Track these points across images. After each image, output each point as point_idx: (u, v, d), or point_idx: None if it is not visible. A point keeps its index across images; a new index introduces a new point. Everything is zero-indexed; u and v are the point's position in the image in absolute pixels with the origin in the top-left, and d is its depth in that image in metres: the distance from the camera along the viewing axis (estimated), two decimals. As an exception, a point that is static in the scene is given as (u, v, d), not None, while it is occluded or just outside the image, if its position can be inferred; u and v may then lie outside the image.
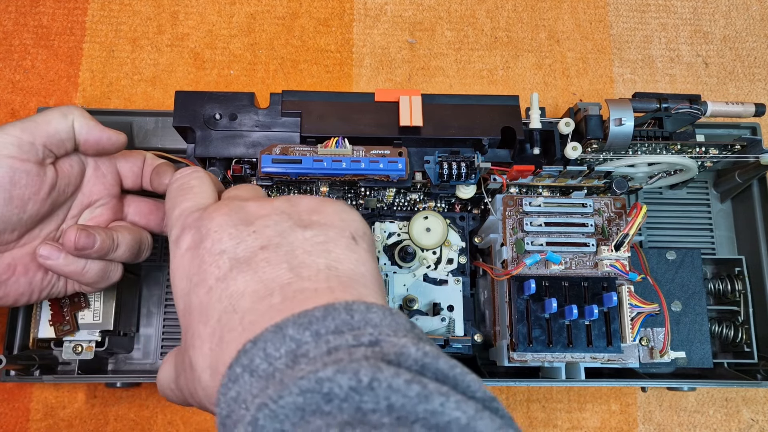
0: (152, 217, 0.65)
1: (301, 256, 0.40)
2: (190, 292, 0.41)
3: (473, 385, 0.32)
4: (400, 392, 0.29)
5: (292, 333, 0.34)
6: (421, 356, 0.32)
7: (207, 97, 0.63)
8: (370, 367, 0.30)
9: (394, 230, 0.67)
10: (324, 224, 0.43)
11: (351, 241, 0.42)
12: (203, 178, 0.50)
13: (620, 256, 0.62)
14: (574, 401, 0.76)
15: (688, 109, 0.62)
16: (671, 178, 0.71)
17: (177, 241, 0.44)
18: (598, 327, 0.61)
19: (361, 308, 0.35)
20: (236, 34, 0.84)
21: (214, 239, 0.41)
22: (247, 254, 0.40)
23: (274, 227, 0.42)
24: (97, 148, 0.59)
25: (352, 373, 0.30)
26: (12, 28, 0.82)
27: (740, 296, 0.73)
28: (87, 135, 0.57)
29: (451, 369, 0.32)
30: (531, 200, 0.65)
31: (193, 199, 0.47)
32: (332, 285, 0.38)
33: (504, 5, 0.88)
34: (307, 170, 0.59)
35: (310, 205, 0.45)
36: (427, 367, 0.32)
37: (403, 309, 0.64)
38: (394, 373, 0.30)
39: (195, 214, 0.44)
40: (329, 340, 0.33)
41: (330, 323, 0.34)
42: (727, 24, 0.88)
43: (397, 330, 0.35)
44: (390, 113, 0.62)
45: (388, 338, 0.34)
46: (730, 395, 0.77)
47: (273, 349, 0.33)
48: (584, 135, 0.62)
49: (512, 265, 0.63)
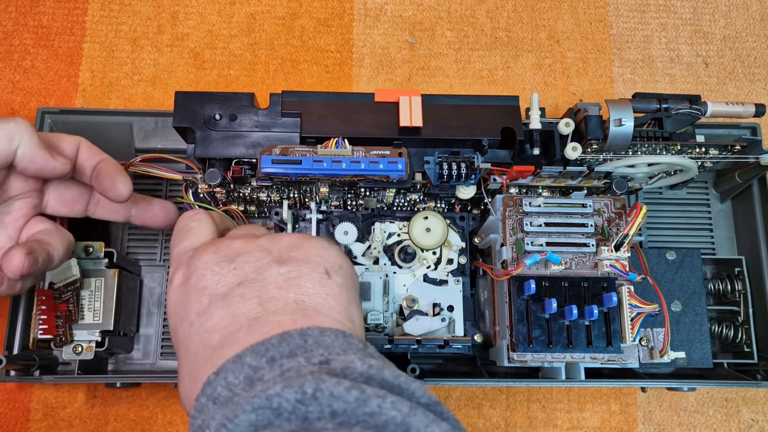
0: (76, 205, 0.63)
1: (273, 291, 0.42)
2: (177, 326, 0.43)
3: (417, 392, 0.35)
4: (341, 398, 0.31)
5: (250, 360, 0.36)
6: (366, 369, 0.35)
7: (207, 98, 0.63)
8: (314, 380, 0.32)
9: (394, 230, 0.67)
10: (300, 260, 0.44)
11: (324, 275, 0.44)
12: (203, 219, 0.52)
13: (620, 256, 0.62)
14: (574, 401, 0.76)
15: (688, 110, 0.62)
16: (671, 179, 0.71)
17: (171, 278, 0.46)
18: (598, 327, 0.61)
19: (314, 333, 0.38)
20: (236, 34, 0.84)
21: (198, 276, 0.43)
22: (225, 290, 0.42)
23: (253, 263, 0.44)
24: (35, 174, 0.56)
25: (298, 387, 0.32)
26: (12, 28, 0.82)
27: (740, 296, 0.73)
28: (28, 163, 0.54)
29: (395, 378, 0.35)
30: (531, 200, 0.65)
31: (190, 239, 0.49)
32: (296, 317, 0.40)
33: (504, 5, 0.88)
34: (307, 171, 0.58)
35: (291, 242, 0.47)
36: (372, 378, 0.34)
37: (404, 309, 0.65)
38: (336, 382, 0.32)
39: (189, 253, 0.47)
40: (283, 364, 0.35)
41: (285, 348, 0.36)
42: (727, 24, 0.88)
43: (348, 349, 0.37)
44: (390, 113, 0.62)
45: (337, 357, 0.36)
46: (730, 395, 0.77)
47: (233, 377, 0.35)
48: (584, 135, 0.62)
49: (512, 266, 0.63)
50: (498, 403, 0.75)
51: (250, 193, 0.67)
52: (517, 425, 0.75)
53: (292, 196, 0.68)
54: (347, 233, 0.67)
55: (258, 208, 0.72)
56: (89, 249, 0.67)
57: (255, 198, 0.68)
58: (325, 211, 0.69)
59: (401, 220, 0.68)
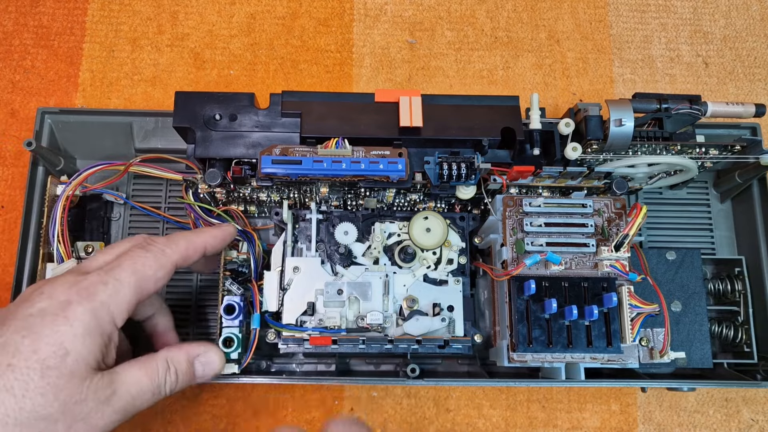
0: None
1: None
2: None
3: None
4: None
5: None
6: None
7: (207, 98, 0.63)
8: None
9: (394, 230, 0.67)
10: None
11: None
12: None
13: (620, 256, 0.62)
14: (574, 401, 0.76)
15: (688, 110, 0.62)
16: (671, 179, 0.71)
17: None
18: (598, 327, 0.61)
19: None
20: (236, 34, 0.84)
21: None
22: None
23: None
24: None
25: None
26: (12, 28, 0.82)
27: (740, 296, 0.73)
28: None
29: None
30: (531, 201, 0.64)
31: None
32: None
33: (504, 5, 0.88)
34: (307, 171, 0.58)
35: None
36: None
37: (404, 309, 0.65)
38: None
39: None
40: None
41: None
42: (727, 24, 0.88)
43: None
44: (390, 114, 0.62)
45: None
46: (730, 395, 0.77)
47: None
48: (584, 135, 0.62)
49: (512, 266, 0.63)
50: (498, 403, 0.75)
51: (250, 193, 0.67)
52: (517, 425, 0.75)
53: (292, 196, 0.68)
54: (347, 233, 0.67)
55: (258, 208, 0.73)
56: (89, 249, 0.67)
57: (255, 198, 0.69)
58: (325, 211, 0.69)
59: (401, 220, 0.68)
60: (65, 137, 0.73)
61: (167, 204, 0.76)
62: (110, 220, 0.75)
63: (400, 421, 0.74)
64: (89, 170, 0.67)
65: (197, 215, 0.70)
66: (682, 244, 0.78)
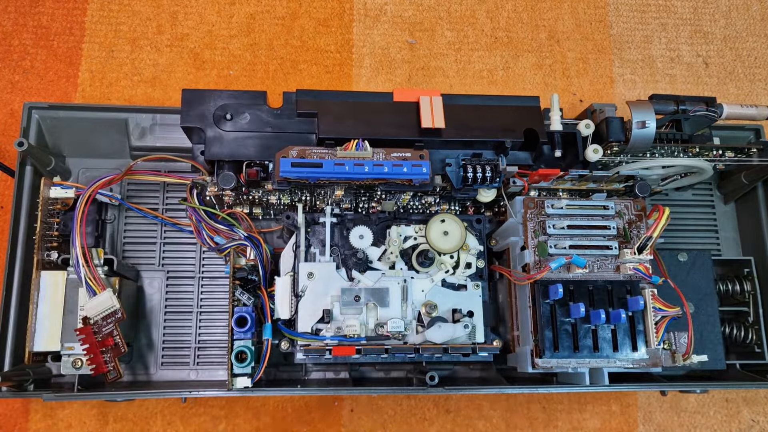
0: None
1: None
2: None
3: None
4: None
5: None
6: None
7: (216, 96, 0.60)
8: None
9: (410, 234, 0.65)
10: None
11: None
12: None
13: (643, 258, 0.61)
14: (574, 402, 0.75)
15: (704, 112, 0.62)
16: (683, 180, 0.70)
17: None
18: (623, 331, 0.60)
19: None
20: (236, 35, 0.82)
21: None
22: None
23: None
24: None
25: None
26: (12, 28, 0.79)
27: (749, 297, 0.72)
28: None
29: None
30: (554, 202, 0.63)
31: None
32: None
33: (504, 5, 0.87)
34: (329, 174, 0.56)
35: None
36: None
37: (423, 316, 0.62)
38: None
39: None
40: None
41: None
42: (727, 24, 0.89)
43: None
44: (409, 114, 0.60)
45: None
46: (730, 396, 0.77)
47: None
48: (605, 137, 0.61)
49: (535, 269, 0.61)
50: (498, 405, 0.74)
51: (261, 196, 0.65)
52: (517, 426, 0.74)
53: (304, 199, 0.65)
54: (362, 237, 0.64)
55: (264, 211, 0.69)
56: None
57: (265, 201, 0.66)
58: (338, 214, 0.66)
59: (417, 223, 0.65)
60: (54, 134, 0.69)
61: (165, 206, 0.73)
62: (105, 223, 0.71)
63: (401, 421, 0.73)
64: (103, 180, 0.64)
65: (199, 218, 0.67)
66: (689, 246, 0.78)
